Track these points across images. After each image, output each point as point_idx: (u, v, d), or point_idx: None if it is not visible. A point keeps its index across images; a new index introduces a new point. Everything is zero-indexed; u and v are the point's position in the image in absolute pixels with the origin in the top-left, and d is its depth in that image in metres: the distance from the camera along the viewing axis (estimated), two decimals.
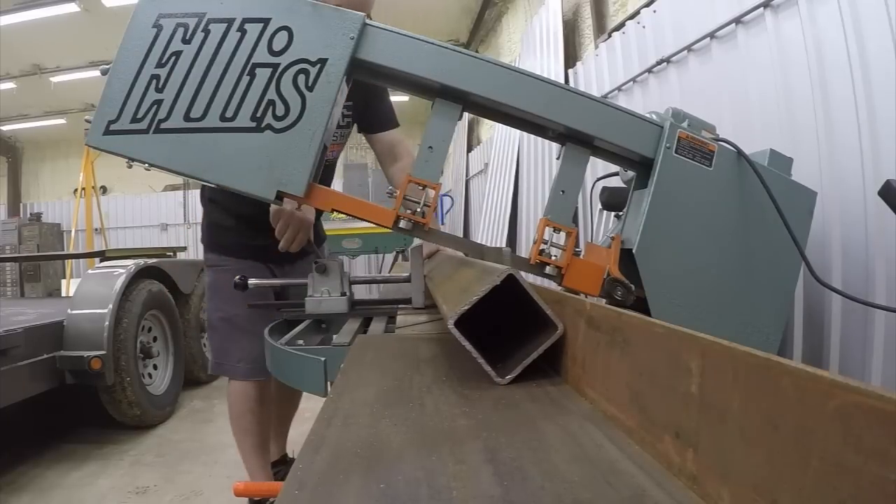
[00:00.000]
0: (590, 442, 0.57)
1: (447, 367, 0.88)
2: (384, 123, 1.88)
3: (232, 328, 1.84)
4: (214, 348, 1.92)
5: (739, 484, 0.40)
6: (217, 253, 1.86)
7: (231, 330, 1.84)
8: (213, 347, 1.93)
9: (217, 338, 1.90)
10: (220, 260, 1.84)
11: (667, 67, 2.39)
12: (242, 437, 1.92)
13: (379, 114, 1.88)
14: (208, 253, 1.88)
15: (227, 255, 1.83)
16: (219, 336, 1.89)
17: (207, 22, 1.03)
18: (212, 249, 1.87)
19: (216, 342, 1.91)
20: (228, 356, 1.86)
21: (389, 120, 1.89)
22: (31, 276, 9.56)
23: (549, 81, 1.09)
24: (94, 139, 1.05)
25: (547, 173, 3.85)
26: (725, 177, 1.12)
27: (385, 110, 1.88)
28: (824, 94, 1.54)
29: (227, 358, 1.87)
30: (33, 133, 12.06)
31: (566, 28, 4.05)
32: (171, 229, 11.19)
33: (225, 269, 1.82)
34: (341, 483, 0.48)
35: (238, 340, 1.83)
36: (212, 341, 1.93)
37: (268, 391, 1.93)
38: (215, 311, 1.88)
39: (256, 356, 1.80)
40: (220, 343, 1.89)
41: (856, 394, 0.30)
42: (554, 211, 1.12)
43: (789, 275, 1.18)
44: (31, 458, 2.80)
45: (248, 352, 1.81)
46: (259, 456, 1.92)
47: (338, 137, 1.79)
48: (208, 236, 1.89)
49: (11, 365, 2.45)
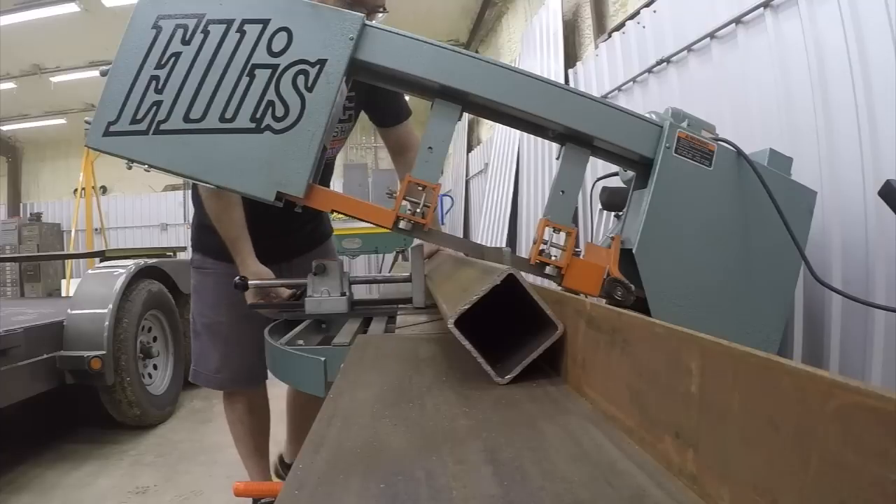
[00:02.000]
0: (590, 442, 0.57)
1: (447, 367, 0.88)
2: (395, 116, 1.80)
3: (213, 335, 1.78)
4: (195, 354, 1.85)
5: (739, 484, 0.40)
6: (202, 254, 1.79)
7: (212, 337, 1.78)
8: (194, 353, 1.85)
9: (198, 344, 1.83)
10: (205, 262, 1.78)
11: (667, 67, 2.39)
12: (236, 442, 1.91)
13: (388, 106, 1.79)
14: (195, 254, 1.82)
15: (212, 258, 1.76)
16: (200, 342, 1.82)
17: (207, 23, 1.03)
18: (197, 250, 1.81)
19: (197, 348, 1.83)
20: (207, 364, 1.80)
21: (399, 112, 1.80)
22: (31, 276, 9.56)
23: (549, 81, 1.08)
24: (94, 140, 1.05)
25: (547, 173, 3.85)
26: (725, 177, 1.12)
27: (393, 102, 1.80)
28: (824, 94, 1.54)
29: (205, 366, 1.80)
30: (33, 133, 12.05)
31: (566, 28, 4.05)
32: (171, 229, 11.19)
33: (208, 271, 1.77)
34: (341, 483, 0.48)
35: (219, 349, 1.77)
36: (193, 346, 1.86)
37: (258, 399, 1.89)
38: (199, 316, 1.81)
39: (238, 366, 1.77)
40: (200, 349, 1.82)
41: (856, 394, 0.30)
42: (554, 211, 1.12)
43: (789, 275, 1.18)
44: (31, 458, 2.80)
45: (229, 361, 1.76)
46: (255, 461, 1.90)
47: (338, 132, 1.70)
48: (195, 237, 1.82)
49: (11, 365, 2.45)
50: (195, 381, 1.86)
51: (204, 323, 1.80)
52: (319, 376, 1.06)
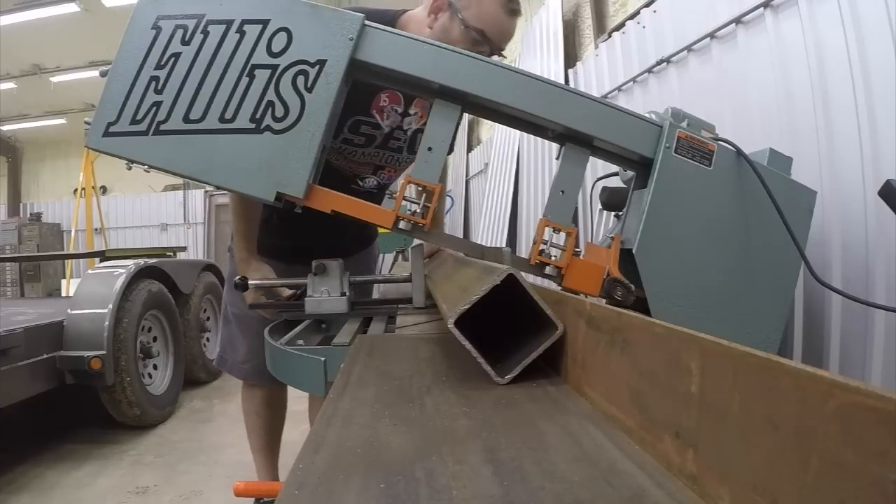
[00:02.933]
0: (590, 442, 0.57)
1: (447, 367, 0.88)
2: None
3: (242, 327, 1.78)
4: (223, 340, 1.86)
5: (739, 484, 0.40)
6: None
7: (241, 328, 1.78)
8: (221, 339, 1.86)
9: (227, 331, 1.84)
10: None
11: (667, 67, 2.39)
12: (249, 433, 1.92)
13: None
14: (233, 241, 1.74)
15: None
16: (229, 330, 1.83)
17: (206, 23, 1.03)
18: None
19: (225, 335, 1.85)
20: (235, 353, 1.81)
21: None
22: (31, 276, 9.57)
23: (548, 82, 1.08)
24: (94, 141, 1.05)
25: (547, 173, 3.85)
26: (725, 176, 1.12)
27: None
28: (824, 94, 1.54)
29: (232, 354, 1.81)
30: (33, 133, 12.06)
31: (566, 28, 4.04)
32: (171, 229, 11.18)
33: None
34: (341, 483, 0.48)
35: (248, 341, 1.77)
36: (221, 332, 1.87)
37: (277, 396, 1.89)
38: (230, 305, 1.81)
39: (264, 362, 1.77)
40: (228, 337, 1.83)
41: (856, 394, 0.30)
42: (553, 211, 1.12)
43: (789, 274, 1.18)
44: (31, 458, 2.80)
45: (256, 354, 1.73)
46: (264, 456, 1.91)
47: (408, 163, 1.63)
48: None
49: (11, 365, 2.45)
50: (220, 366, 1.87)
51: (235, 313, 1.80)
52: (319, 376, 1.06)
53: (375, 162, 1.60)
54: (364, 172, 1.62)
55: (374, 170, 1.62)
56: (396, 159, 1.63)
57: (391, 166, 1.65)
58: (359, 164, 1.59)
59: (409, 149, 1.62)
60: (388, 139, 1.56)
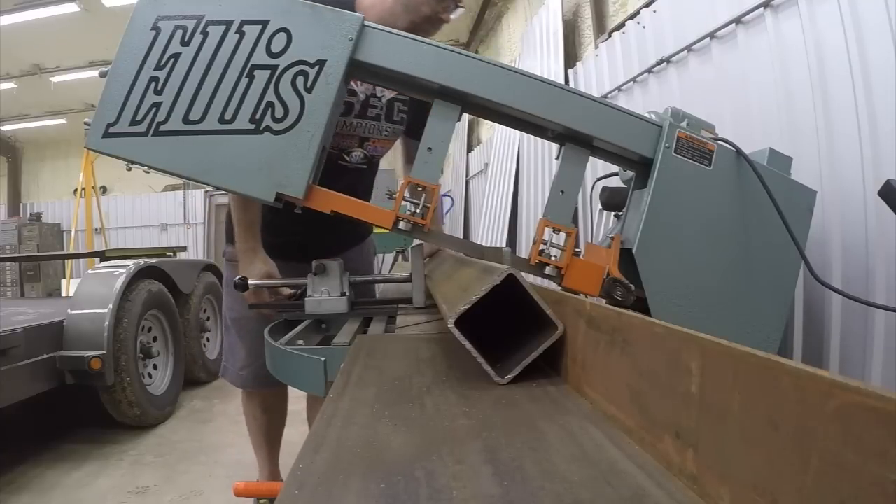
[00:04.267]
0: (590, 442, 0.57)
1: (447, 367, 0.88)
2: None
3: (240, 330, 1.78)
4: (225, 349, 1.90)
5: (739, 484, 0.40)
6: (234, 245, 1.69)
7: (240, 332, 1.78)
8: (224, 348, 1.90)
9: (228, 339, 1.86)
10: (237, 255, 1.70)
11: (667, 67, 2.39)
12: (250, 434, 1.95)
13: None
14: (228, 245, 1.75)
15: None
16: (229, 337, 1.85)
17: (206, 24, 1.03)
18: (231, 241, 1.71)
19: (226, 342, 1.88)
20: (234, 360, 1.82)
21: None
22: (31, 276, 9.56)
23: (548, 82, 1.09)
24: (94, 142, 1.05)
25: (547, 173, 3.85)
26: (725, 176, 1.12)
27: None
28: (824, 94, 1.54)
29: (232, 361, 1.83)
30: (33, 133, 12.06)
31: (566, 28, 4.05)
32: (171, 229, 11.18)
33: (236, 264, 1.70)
34: (341, 483, 0.48)
35: (246, 344, 1.77)
36: (224, 342, 1.91)
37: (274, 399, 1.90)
38: (228, 311, 1.82)
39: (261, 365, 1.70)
40: (229, 345, 1.85)
41: (856, 394, 0.30)
42: (553, 211, 1.12)
43: (789, 274, 1.18)
44: (31, 458, 2.80)
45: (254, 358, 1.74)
46: (264, 453, 1.94)
47: (389, 133, 1.66)
48: (229, 230, 1.71)
49: (11, 365, 2.45)
50: (223, 376, 1.89)
51: (233, 318, 1.80)
52: (319, 376, 1.06)
53: (359, 133, 1.62)
54: (350, 146, 1.62)
55: (359, 142, 1.64)
56: (377, 128, 1.65)
57: (374, 136, 1.67)
58: (344, 137, 1.60)
59: (387, 117, 1.64)
60: (366, 107, 1.58)
